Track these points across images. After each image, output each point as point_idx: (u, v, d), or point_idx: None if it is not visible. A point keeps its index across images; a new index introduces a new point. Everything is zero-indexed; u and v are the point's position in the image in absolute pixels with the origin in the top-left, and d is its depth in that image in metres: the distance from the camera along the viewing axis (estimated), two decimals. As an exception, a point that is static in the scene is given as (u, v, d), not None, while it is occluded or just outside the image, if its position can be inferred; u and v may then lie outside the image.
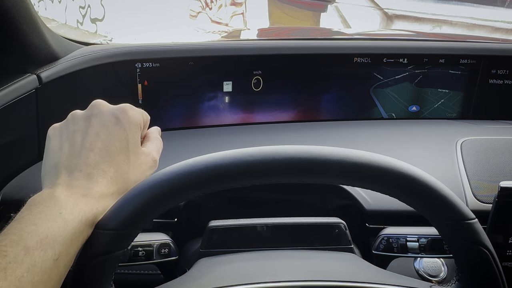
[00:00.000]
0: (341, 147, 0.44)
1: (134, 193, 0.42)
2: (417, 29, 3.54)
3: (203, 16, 4.54)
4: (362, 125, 0.94)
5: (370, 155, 0.43)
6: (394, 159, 0.43)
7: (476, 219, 0.43)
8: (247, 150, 0.43)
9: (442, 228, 0.44)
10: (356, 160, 0.42)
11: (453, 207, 0.43)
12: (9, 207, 0.69)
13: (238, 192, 0.75)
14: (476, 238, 0.43)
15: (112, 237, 0.41)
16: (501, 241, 0.61)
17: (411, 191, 0.43)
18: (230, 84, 0.91)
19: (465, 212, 0.43)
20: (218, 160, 0.42)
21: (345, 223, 0.61)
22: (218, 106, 0.92)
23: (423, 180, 0.43)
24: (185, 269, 0.59)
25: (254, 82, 0.92)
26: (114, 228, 0.41)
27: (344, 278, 0.48)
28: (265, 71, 0.91)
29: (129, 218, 0.41)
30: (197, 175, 0.42)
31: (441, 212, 0.43)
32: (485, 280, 0.44)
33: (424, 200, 0.43)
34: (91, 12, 4.82)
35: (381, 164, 0.42)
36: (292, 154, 0.42)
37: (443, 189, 0.43)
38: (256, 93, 0.92)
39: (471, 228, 0.43)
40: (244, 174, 0.42)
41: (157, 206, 0.42)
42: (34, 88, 0.71)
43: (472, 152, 0.79)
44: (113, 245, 0.41)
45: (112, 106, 0.49)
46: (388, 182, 0.43)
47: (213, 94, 0.91)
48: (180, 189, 0.42)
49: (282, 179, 0.43)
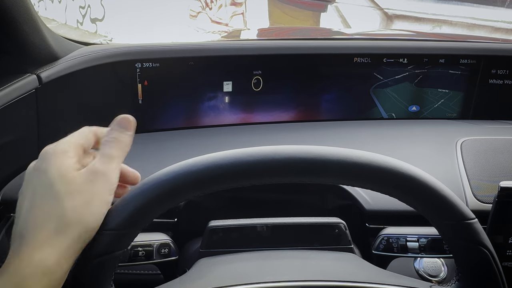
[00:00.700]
0: (340, 147, 0.44)
1: (134, 193, 0.42)
2: (417, 29, 3.54)
3: (203, 16, 4.54)
4: (362, 125, 0.94)
5: (369, 155, 0.43)
6: (393, 159, 0.43)
7: (476, 219, 0.43)
8: (247, 150, 0.43)
9: (442, 228, 0.44)
10: (355, 160, 0.42)
11: (453, 207, 0.43)
12: (9, 207, 0.69)
13: (238, 192, 0.75)
14: (476, 238, 0.43)
15: (112, 238, 0.41)
16: (501, 241, 0.61)
17: (411, 191, 0.43)
18: (230, 84, 0.91)
19: (465, 212, 0.43)
20: (218, 160, 0.42)
21: (345, 223, 0.61)
22: (218, 106, 0.92)
23: (423, 180, 0.43)
24: (185, 269, 0.59)
25: (254, 82, 0.92)
26: (114, 228, 0.41)
27: (344, 278, 0.48)
28: (265, 71, 0.91)
29: (128, 218, 0.41)
30: (197, 175, 0.42)
31: (441, 212, 0.43)
32: (485, 280, 0.44)
33: (424, 200, 0.43)
34: (91, 12, 4.82)
35: (380, 164, 0.42)
36: (292, 154, 0.42)
37: (443, 189, 0.43)
38: (256, 93, 0.92)
39: (471, 228, 0.43)
40: (244, 174, 0.42)
41: (157, 206, 0.42)
42: (34, 88, 0.71)
43: (472, 152, 0.79)
44: (112, 245, 0.41)
45: None
46: (388, 182, 0.43)
47: (213, 94, 0.91)
48: (180, 189, 0.42)
49: (282, 179, 0.43)
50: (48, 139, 0.77)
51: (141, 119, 0.89)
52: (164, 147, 0.83)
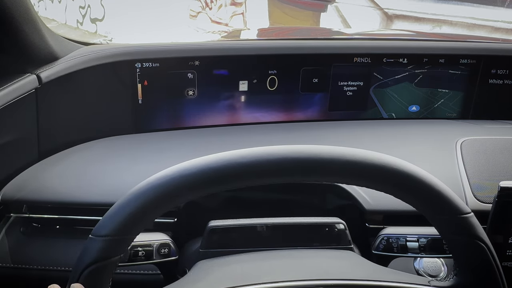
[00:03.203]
0: (336, 146, 0.43)
1: (128, 198, 0.42)
2: (417, 29, 3.54)
3: (203, 16, 4.54)
4: (362, 125, 0.94)
5: (364, 153, 0.43)
6: (388, 156, 0.43)
7: (471, 213, 0.43)
8: (236, 152, 0.43)
9: (438, 223, 0.44)
10: (349, 158, 0.42)
11: (448, 201, 0.43)
12: (9, 207, 0.69)
13: (238, 192, 0.75)
14: (472, 232, 0.43)
15: (107, 244, 0.41)
16: (501, 241, 0.61)
17: (406, 187, 0.43)
18: (230, 84, 0.91)
19: (461, 206, 0.43)
20: (212, 163, 0.42)
21: (345, 223, 0.61)
22: (217, 106, 0.92)
23: (418, 175, 0.42)
24: (185, 269, 0.59)
25: (254, 82, 0.92)
26: (109, 234, 0.41)
27: (343, 276, 0.48)
28: (265, 71, 0.91)
29: (124, 224, 0.41)
30: (193, 178, 0.41)
31: (436, 207, 0.43)
32: (482, 274, 0.44)
33: (419, 196, 0.43)
34: (91, 12, 4.82)
35: (375, 161, 0.42)
36: (285, 154, 0.42)
37: (438, 184, 0.43)
38: (256, 92, 0.93)
39: (467, 222, 0.43)
40: (235, 176, 0.42)
41: (152, 211, 0.41)
42: (34, 88, 0.71)
43: (472, 152, 0.79)
44: (108, 251, 0.41)
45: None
46: (383, 179, 0.42)
47: (212, 94, 0.91)
48: (176, 192, 0.41)
49: (277, 180, 0.43)
50: (48, 139, 0.78)
51: (141, 119, 0.89)
52: (164, 147, 0.83)
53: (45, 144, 0.77)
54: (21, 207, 0.69)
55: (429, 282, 0.47)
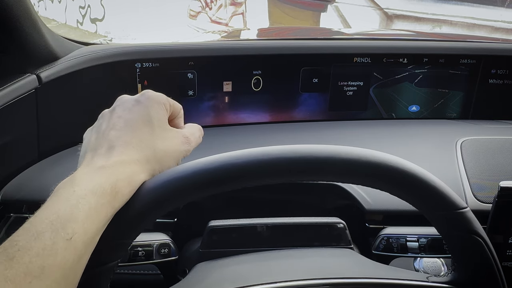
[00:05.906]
0: (330, 145, 0.43)
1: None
2: (417, 29, 3.55)
3: (203, 16, 4.54)
4: (362, 125, 0.94)
5: (359, 151, 0.42)
6: (383, 153, 0.43)
7: (467, 207, 0.43)
8: (236, 153, 0.42)
9: (434, 218, 0.44)
10: (344, 156, 0.42)
11: (443, 197, 0.42)
12: (9, 207, 0.69)
13: (238, 192, 0.75)
14: (468, 227, 0.43)
15: (104, 248, 0.39)
16: (501, 241, 0.61)
17: (401, 184, 0.42)
18: (230, 84, 0.91)
19: (456, 201, 0.43)
20: (208, 165, 0.41)
21: (345, 223, 0.61)
22: (217, 106, 0.92)
23: (413, 171, 0.42)
24: (185, 269, 0.58)
25: (254, 82, 0.92)
26: (105, 238, 0.39)
27: (342, 275, 0.48)
28: (265, 71, 0.91)
29: (121, 228, 0.40)
30: (191, 179, 0.41)
31: (432, 203, 0.43)
32: (480, 269, 0.44)
33: (414, 192, 0.43)
34: (91, 12, 4.83)
35: (370, 158, 0.42)
36: (278, 153, 0.42)
37: (433, 180, 0.42)
38: (256, 92, 0.92)
39: (463, 217, 0.43)
40: (233, 177, 0.42)
41: (148, 214, 0.41)
42: (34, 88, 0.71)
43: (472, 152, 0.79)
44: (105, 256, 0.39)
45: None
46: (379, 176, 0.42)
47: (212, 94, 0.91)
48: (164, 201, 0.41)
49: (272, 180, 0.42)
50: (48, 139, 0.78)
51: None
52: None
53: (45, 144, 0.77)
54: (21, 207, 0.69)
55: (427, 278, 0.47)
